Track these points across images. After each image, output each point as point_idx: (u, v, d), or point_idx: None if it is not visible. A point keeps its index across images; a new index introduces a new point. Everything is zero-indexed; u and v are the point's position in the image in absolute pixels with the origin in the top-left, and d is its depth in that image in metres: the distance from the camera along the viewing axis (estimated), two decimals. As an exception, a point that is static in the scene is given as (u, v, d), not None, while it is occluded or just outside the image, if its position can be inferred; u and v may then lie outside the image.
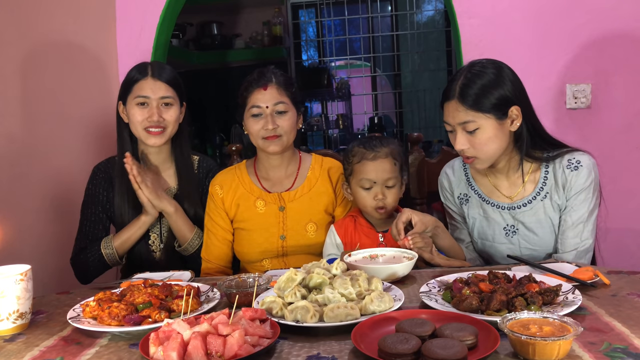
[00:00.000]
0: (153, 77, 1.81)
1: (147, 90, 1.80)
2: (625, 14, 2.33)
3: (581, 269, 1.34)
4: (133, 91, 1.81)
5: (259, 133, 1.73)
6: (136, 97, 1.80)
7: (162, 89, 1.81)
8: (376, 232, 1.70)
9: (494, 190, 1.70)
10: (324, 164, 1.87)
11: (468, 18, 2.45)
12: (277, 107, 1.73)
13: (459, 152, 1.61)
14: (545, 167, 1.64)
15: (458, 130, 1.57)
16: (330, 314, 1.10)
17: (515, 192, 1.66)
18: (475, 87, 1.53)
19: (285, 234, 1.78)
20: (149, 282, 1.32)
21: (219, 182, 1.85)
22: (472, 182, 1.74)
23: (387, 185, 1.66)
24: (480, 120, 1.53)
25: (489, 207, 1.69)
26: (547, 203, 1.62)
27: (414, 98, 5.39)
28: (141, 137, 1.82)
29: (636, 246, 2.20)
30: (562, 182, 1.60)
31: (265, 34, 4.71)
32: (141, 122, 1.79)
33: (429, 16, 5.35)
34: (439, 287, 1.28)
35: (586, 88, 2.36)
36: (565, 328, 0.95)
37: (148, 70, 1.82)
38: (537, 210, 1.63)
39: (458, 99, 1.54)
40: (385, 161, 1.66)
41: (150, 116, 1.78)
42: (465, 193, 1.75)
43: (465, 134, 1.56)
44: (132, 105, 1.80)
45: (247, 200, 1.81)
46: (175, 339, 0.96)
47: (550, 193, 1.62)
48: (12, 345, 1.14)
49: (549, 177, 1.63)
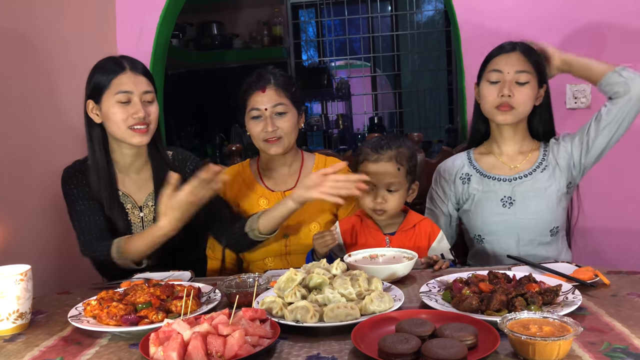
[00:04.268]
0: (132, 71, 1.66)
1: (128, 85, 1.64)
2: (625, 14, 2.33)
3: (581, 269, 1.34)
4: (111, 87, 1.64)
5: (259, 135, 1.73)
6: (117, 94, 1.63)
7: (143, 83, 1.68)
8: (383, 234, 1.67)
9: (495, 166, 1.84)
10: (327, 163, 1.87)
11: (468, 18, 2.45)
12: (276, 108, 1.73)
13: (500, 99, 1.72)
14: (544, 147, 1.84)
15: (508, 79, 1.72)
16: (330, 314, 1.10)
17: (517, 163, 1.81)
18: (529, 47, 1.78)
19: (288, 233, 1.78)
20: (152, 281, 1.32)
21: None
22: (474, 163, 1.87)
23: (389, 189, 1.60)
24: (531, 77, 1.73)
25: (490, 181, 1.81)
26: (545, 174, 1.78)
27: (414, 98, 5.38)
28: (125, 137, 1.67)
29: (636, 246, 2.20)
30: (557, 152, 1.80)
31: (265, 34, 4.71)
32: (125, 119, 1.64)
33: (429, 16, 5.35)
34: (439, 287, 1.28)
35: (586, 88, 2.37)
36: (565, 328, 0.95)
37: (124, 63, 1.67)
38: (537, 181, 1.77)
39: (521, 52, 1.75)
40: (388, 165, 1.60)
41: (136, 112, 1.64)
42: (467, 172, 1.86)
43: (512, 83, 1.71)
44: (112, 103, 1.64)
45: (250, 198, 1.81)
46: (176, 339, 0.96)
47: (548, 166, 1.79)
48: (12, 345, 1.14)
49: (548, 152, 1.82)
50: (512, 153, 1.83)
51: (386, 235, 1.66)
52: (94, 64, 1.74)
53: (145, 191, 1.80)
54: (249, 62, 4.53)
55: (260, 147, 1.77)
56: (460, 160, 1.90)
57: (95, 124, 1.71)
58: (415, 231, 1.66)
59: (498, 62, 1.76)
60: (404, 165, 1.61)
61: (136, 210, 1.79)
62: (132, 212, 1.78)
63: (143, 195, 1.80)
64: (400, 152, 1.61)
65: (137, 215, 1.79)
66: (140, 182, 1.80)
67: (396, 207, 1.63)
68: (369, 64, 5.42)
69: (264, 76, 1.75)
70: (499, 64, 1.75)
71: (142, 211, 1.80)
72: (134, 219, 1.79)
